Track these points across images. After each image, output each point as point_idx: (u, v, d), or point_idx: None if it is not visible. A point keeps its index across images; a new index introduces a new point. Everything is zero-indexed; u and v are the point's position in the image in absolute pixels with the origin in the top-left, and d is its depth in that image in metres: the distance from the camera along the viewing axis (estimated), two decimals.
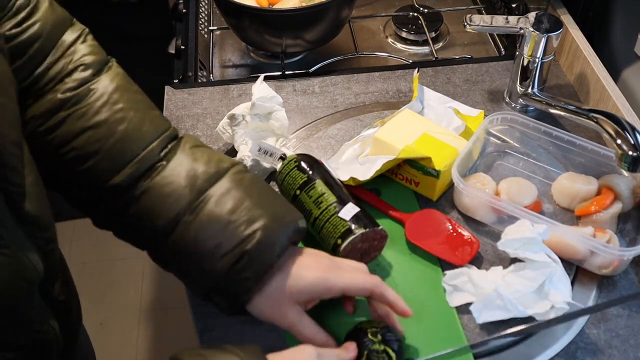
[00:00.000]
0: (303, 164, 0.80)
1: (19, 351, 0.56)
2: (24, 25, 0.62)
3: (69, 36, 0.66)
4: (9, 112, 0.52)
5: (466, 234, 0.80)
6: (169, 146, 0.67)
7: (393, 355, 0.65)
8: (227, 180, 0.66)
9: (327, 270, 0.66)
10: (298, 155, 0.81)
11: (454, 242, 0.80)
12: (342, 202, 0.75)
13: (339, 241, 0.73)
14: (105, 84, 0.65)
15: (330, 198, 0.75)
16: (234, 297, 0.64)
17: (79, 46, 0.66)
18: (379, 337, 0.65)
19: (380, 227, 0.75)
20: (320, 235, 0.75)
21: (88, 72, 0.65)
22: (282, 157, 0.84)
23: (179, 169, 0.65)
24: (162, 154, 0.66)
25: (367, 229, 0.73)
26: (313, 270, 0.65)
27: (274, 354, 0.60)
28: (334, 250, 0.74)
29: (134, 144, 0.64)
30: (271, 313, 0.66)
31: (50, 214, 0.58)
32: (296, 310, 0.65)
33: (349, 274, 0.66)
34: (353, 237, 0.72)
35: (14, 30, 0.61)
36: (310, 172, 0.79)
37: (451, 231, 0.81)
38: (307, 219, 0.76)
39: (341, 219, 0.73)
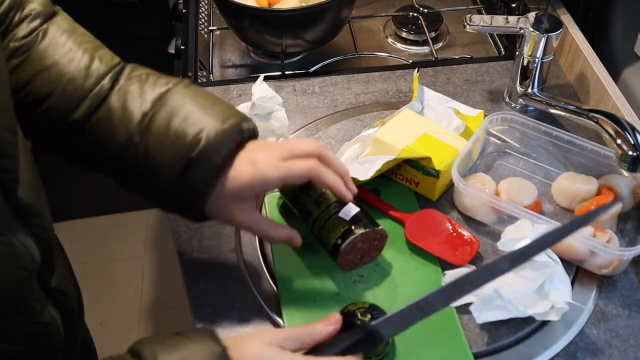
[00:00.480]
0: None
1: (23, 344, 0.57)
2: None
3: None
4: (3, 99, 0.53)
5: (466, 234, 0.80)
6: (117, 77, 0.70)
7: None
8: (171, 97, 0.69)
9: (265, 163, 0.67)
10: None
11: (454, 242, 0.80)
12: (342, 202, 0.75)
13: (339, 241, 0.73)
14: (53, 30, 0.68)
15: (330, 198, 0.75)
16: (190, 204, 0.68)
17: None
18: (369, 316, 0.67)
19: (380, 227, 0.75)
20: (320, 236, 0.75)
21: (36, 22, 0.68)
22: None
23: (124, 96, 0.68)
24: (112, 85, 0.69)
25: (367, 229, 0.73)
26: (251, 166, 0.67)
27: (234, 337, 0.61)
28: (334, 250, 0.74)
29: (86, 82, 0.67)
30: (223, 216, 0.69)
31: (44, 200, 0.59)
32: (244, 208, 0.68)
33: (285, 164, 0.68)
34: (353, 237, 0.72)
35: None
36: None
37: (451, 231, 0.81)
38: (307, 219, 0.75)
39: (341, 218, 0.73)
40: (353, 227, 0.73)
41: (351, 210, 0.74)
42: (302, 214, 0.76)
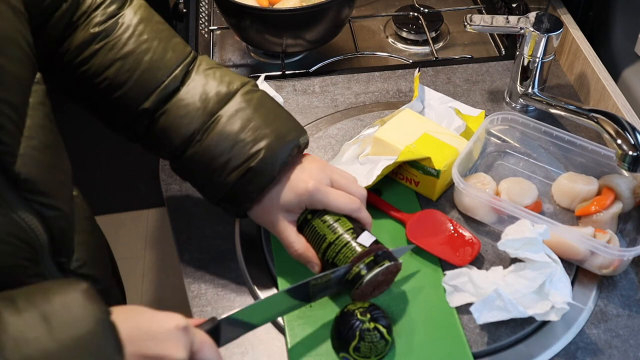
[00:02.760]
0: None
1: None
2: None
3: None
4: (5, 73, 0.53)
5: (467, 234, 0.80)
6: (188, 70, 0.74)
7: (384, 330, 0.68)
8: (237, 100, 0.73)
9: (318, 183, 0.72)
10: None
11: (455, 242, 0.80)
12: (359, 230, 0.73)
13: (363, 271, 0.69)
14: (130, 17, 0.72)
15: (347, 224, 0.73)
16: (239, 206, 0.73)
17: None
18: (368, 315, 0.68)
19: (400, 261, 0.72)
20: (335, 260, 0.72)
21: (114, 6, 0.72)
22: None
23: (193, 91, 0.72)
24: (183, 78, 0.73)
25: (391, 262, 0.70)
26: (303, 183, 0.72)
27: (139, 308, 0.58)
28: (355, 279, 0.70)
29: (159, 72, 0.72)
30: (264, 220, 0.74)
31: (60, 182, 0.61)
32: (284, 217, 0.73)
33: (335, 195, 0.72)
34: (379, 269, 0.69)
35: None
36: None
37: (452, 232, 0.81)
38: (318, 242, 0.73)
39: (361, 245, 0.71)
40: (376, 258, 0.70)
41: (370, 238, 0.72)
42: (313, 236, 0.73)
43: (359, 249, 0.71)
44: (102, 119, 0.76)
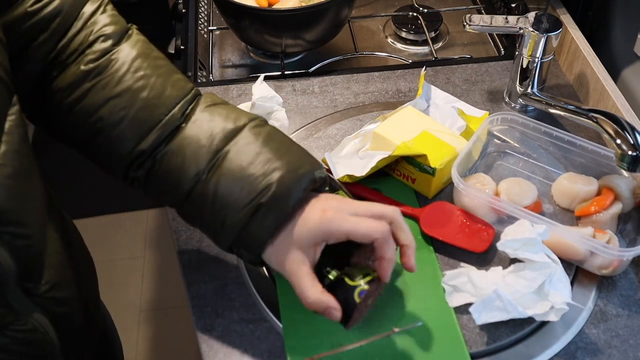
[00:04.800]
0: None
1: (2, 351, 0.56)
2: (45, 1, 0.64)
3: (88, 8, 0.67)
4: None
5: (479, 221, 0.82)
6: (189, 107, 0.68)
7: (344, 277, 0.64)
8: (244, 135, 0.66)
9: (335, 213, 0.64)
10: None
11: (470, 230, 0.81)
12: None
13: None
14: (126, 53, 0.67)
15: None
16: (252, 249, 0.65)
17: (99, 17, 0.67)
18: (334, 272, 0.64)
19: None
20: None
21: (109, 43, 0.66)
22: None
23: (197, 130, 0.66)
24: (184, 116, 0.67)
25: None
26: (320, 213, 0.64)
27: None
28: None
29: (157, 110, 0.66)
30: (277, 261, 0.65)
31: (27, 208, 0.57)
32: (297, 257, 0.64)
33: (355, 219, 0.63)
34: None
35: (35, 6, 0.63)
36: (332, 182, 0.74)
37: (464, 220, 0.82)
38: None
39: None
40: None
41: None
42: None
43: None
44: (99, 163, 0.70)
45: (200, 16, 1.24)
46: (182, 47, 1.13)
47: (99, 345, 0.82)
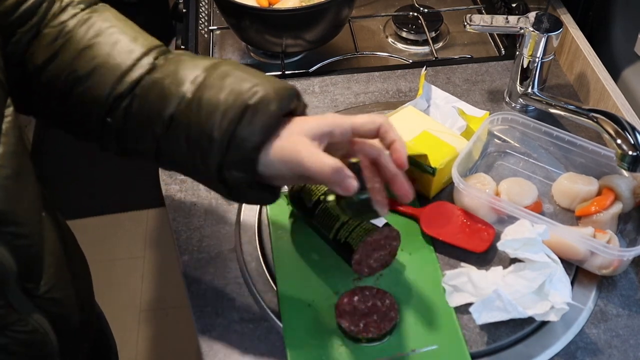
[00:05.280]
0: None
1: (0, 352, 0.56)
2: None
3: None
4: None
5: (479, 221, 0.82)
6: (164, 53, 0.68)
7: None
8: (224, 65, 0.66)
9: (334, 115, 0.65)
10: None
11: (470, 230, 0.81)
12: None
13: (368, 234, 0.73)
14: (97, 13, 0.68)
15: None
16: (243, 161, 0.62)
17: None
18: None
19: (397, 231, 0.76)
20: (346, 241, 0.74)
21: (79, 8, 0.67)
22: None
23: (176, 62, 0.66)
24: (159, 59, 0.67)
25: (389, 226, 0.74)
26: (316, 117, 0.65)
27: None
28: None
29: (132, 55, 0.65)
30: (283, 155, 0.62)
31: (26, 208, 0.57)
32: (308, 142, 0.62)
33: (355, 117, 0.65)
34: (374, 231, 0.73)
35: None
36: None
37: (465, 220, 0.82)
38: (332, 225, 0.75)
39: (373, 224, 0.73)
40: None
41: (382, 220, 0.74)
42: (325, 217, 0.75)
43: (370, 231, 0.72)
44: (75, 123, 0.68)
45: (200, 16, 1.24)
46: (182, 47, 1.13)
47: (94, 346, 0.82)
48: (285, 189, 0.83)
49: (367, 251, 0.74)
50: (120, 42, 0.66)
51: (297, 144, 0.62)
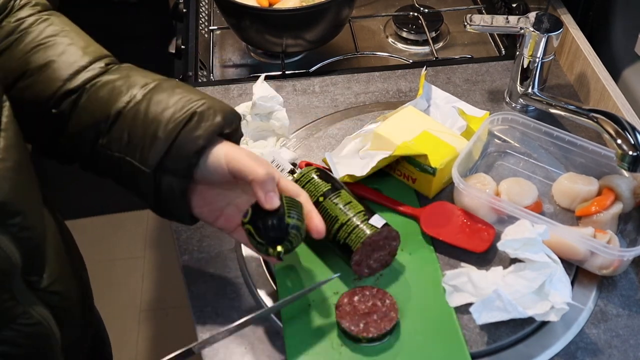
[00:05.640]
0: (326, 173, 0.80)
1: (7, 344, 0.57)
2: None
3: None
4: None
5: (479, 221, 0.81)
6: (117, 65, 0.71)
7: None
8: (175, 81, 0.69)
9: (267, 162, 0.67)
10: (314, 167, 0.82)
11: (470, 230, 0.81)
12: (370, 212, 0.75)
13: (368, 232, 0.73)
14: (54, 17, 0.70)
15: (359, 206, 0.76)
16: (184, 162, 0.64)
17: None
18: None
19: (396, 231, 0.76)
20: (346, 242, 0.74)
21: (36, 9, 0.69)
22: (292, 172, 0.87)
23: (128, 69, 0.69)
24: (111, 65, 0.70)
25: (388, 226, 0.75)
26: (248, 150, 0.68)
27: None
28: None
29: (86, 57, 0.68)
30: (227, 155, 0.65)
31: (33, 201, 0.59)
32: (237, 149, 0.66)
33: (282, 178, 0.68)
34: (373, 231, 0.73)
35: None
36: (334, 181, 0.79)
37: (465, 220, 0.82)
38: (331, 225, 0.75)
39: (372, 225, 0.74)
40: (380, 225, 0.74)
41: (380, 220, 0.75)
42: (324, 218, 0.74)
43: (369, 231, 0.73)
44: (24, 121, 0.65)
45: (200, 16, 1.24)
46: (182, 46, 1.13)
47: (92, 345, 0.82)
48: None
49: (367, 252, 0.74)
50: (75, 45, 0.68)
51: (237, 148, 0.66)
